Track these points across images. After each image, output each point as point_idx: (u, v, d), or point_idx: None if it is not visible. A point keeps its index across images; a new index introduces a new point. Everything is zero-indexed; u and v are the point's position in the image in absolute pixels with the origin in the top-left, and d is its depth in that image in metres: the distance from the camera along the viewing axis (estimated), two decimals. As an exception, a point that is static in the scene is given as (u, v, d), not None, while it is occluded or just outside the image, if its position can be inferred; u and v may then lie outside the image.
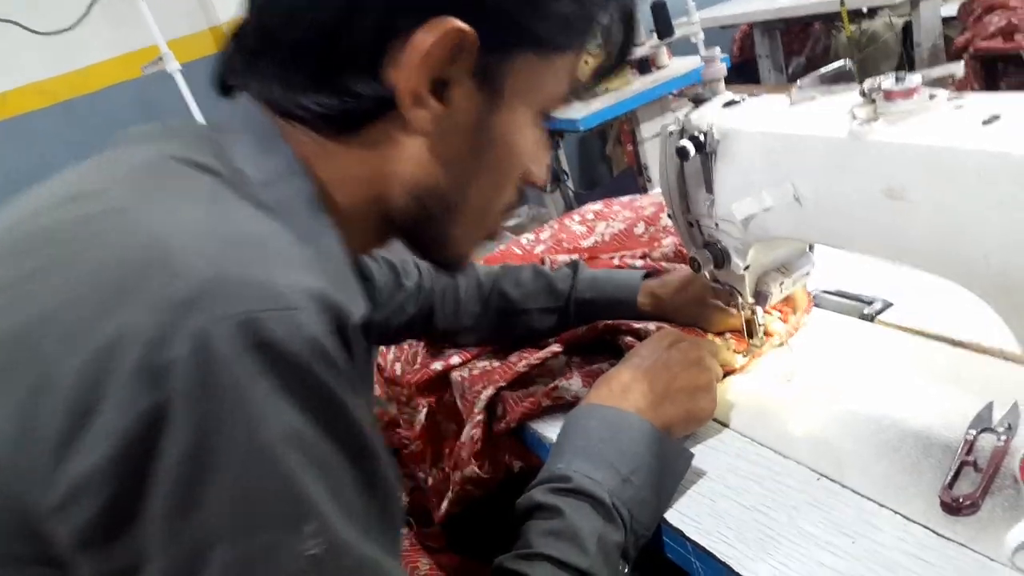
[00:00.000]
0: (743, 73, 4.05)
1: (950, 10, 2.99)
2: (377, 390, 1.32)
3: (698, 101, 0.85)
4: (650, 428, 0.77)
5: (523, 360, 1.01)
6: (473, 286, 1.10)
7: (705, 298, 1.00)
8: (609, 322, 1.02)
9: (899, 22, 3.31)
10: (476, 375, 1.05)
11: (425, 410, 1.14)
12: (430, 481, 1.14)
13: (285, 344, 0.43)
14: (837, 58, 0.73)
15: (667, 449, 0.78)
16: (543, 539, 0.68)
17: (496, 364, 1.06)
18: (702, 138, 0.78)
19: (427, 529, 1.10)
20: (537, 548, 0.68)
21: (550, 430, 0.93)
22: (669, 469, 0.77)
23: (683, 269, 1.06)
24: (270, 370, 0.43)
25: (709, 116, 0.81)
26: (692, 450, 0.81)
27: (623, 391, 0.81)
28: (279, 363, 0.43)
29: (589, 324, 1.04)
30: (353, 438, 0.48)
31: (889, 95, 0.63)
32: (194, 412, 0.41)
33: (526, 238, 1.42)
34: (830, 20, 3.67)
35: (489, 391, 0.98)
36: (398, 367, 1.23)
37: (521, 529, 0.71)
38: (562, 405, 0.94)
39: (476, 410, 0.98)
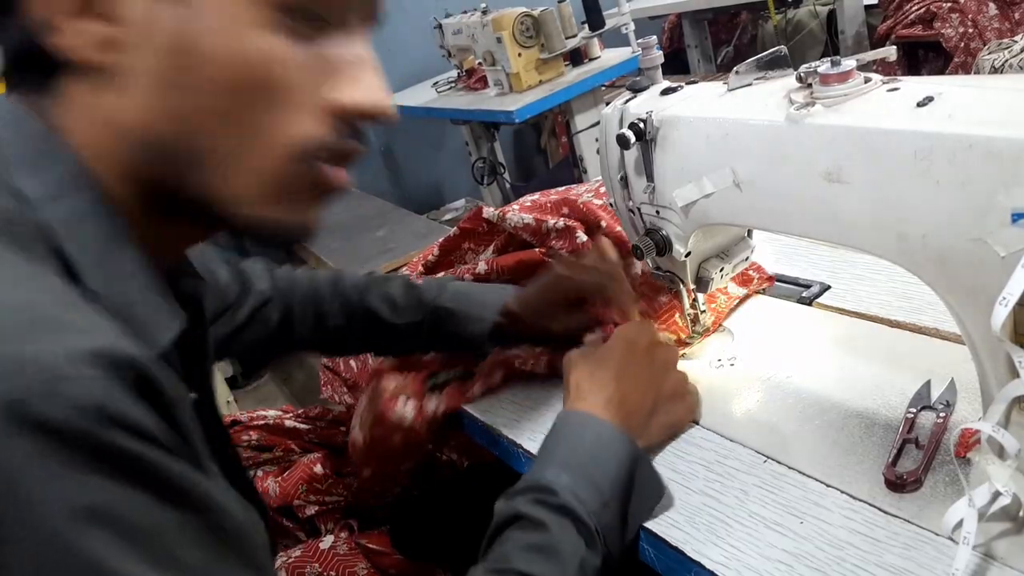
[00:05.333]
0: (673, 63, 4.10)
1: (872, -2, 3.08)
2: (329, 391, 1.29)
3: (636, 89, 0.85)
4: (638, 455, 0.74)
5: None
6: (337, 295, 1.02)
7: (561, 307, 0.95)
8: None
9: (823, 10, 3.38)
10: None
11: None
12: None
13: (60, 420, 0.38)
14: (764, 47, 0.74)
15: (646, 480, 0.74)
16: (523, 554, 0.65)
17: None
18: (642, 126, 0.78)
19: (371, 531, 1.08)
20: (515, 563, 0.64)
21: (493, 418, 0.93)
22: (641, 501, 0.74)
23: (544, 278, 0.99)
24: (47, 451, 0.38)
25: (648, 104, 0.81)
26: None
27: (613, 403, 0.77)
28: (56, 442, 0.38)
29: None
30: (175, 495, 0.42)
31: (825, 79, 0.64)
32: None
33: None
34: (757, 9, 3.74)
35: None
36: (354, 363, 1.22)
37: (499, 539, 0.68)
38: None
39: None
